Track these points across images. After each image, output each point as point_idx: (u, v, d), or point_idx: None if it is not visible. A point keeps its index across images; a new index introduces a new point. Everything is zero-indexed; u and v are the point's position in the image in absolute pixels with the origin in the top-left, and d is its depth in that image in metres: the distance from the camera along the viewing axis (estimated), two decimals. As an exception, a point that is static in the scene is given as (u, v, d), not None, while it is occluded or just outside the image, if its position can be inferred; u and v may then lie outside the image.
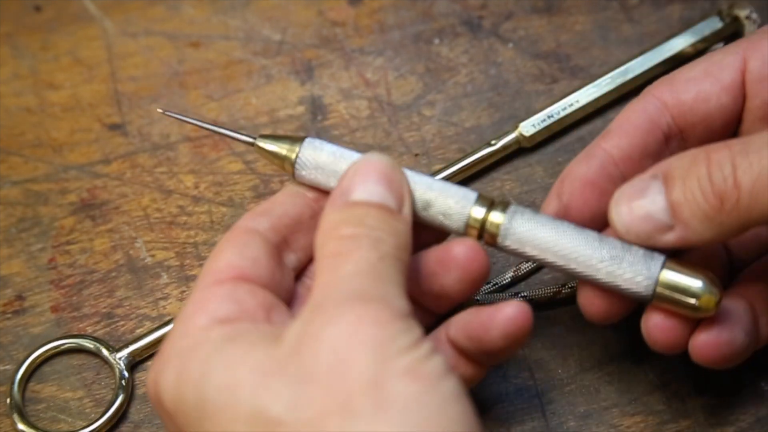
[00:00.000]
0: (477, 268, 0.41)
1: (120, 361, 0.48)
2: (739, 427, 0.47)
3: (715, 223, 0.39)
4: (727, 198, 0.38)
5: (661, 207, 0.39)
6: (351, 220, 0.38)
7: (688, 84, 0.44)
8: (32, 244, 0.52)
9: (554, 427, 0.47)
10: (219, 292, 0.39)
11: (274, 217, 0.42)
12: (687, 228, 0.39)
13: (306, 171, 0.42)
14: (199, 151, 0.54)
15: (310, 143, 0.43)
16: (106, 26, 0.58)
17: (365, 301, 0.35)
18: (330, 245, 0.38)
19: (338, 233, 0.38)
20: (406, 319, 0.36)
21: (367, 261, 0.37)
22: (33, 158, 0.54)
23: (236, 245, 0.40)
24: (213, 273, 0.40)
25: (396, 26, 0.57)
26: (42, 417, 0.47)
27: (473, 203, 0.41)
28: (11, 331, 0.49)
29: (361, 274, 0.37)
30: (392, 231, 0.38)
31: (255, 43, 0.57)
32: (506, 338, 0.40)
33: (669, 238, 0.40)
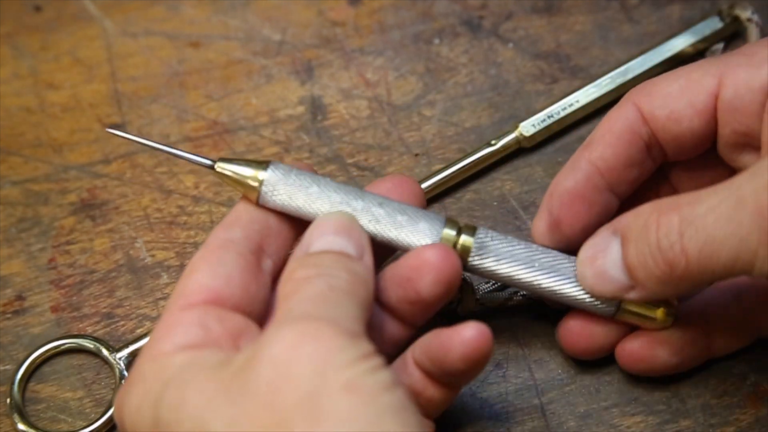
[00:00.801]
0: (449, 269, 0.41)
1: (120, 361, 0.48)
2: (739, 427, 0.47)
3: (669, 285, 0.41)
4: (675, 264, 0.39)
5: (620, 268, 0.42)
6: (306, 264, 0.39)
7: (665, 100, 0.44)
8: (32, 244, 0.52)
9: (554, 427, 0.47)
10: (187, 318, 0.39)
11: (244, 224, 0.42)
12: (644, 288, 0.41)
13: (272, 197, 0.42)
14: (199, 151, 0.54)
15: (276, 168, 0.42)
16: (106, 26, 0.58)
17: (310, 320, 0.36)
18: (286, 288, 0.39)
19: (293, 276, 0.39)
20: (353, 337, 0.35)
21: (318, 291, 0.37)
22: (33, 158, 0.54)
23: (210, 263, 0.40)
24: (184, 295, 0.40)
25: (396, 26, 0.57)
26: (42, 417, 0.47)
27: (443, 225, 0.43)
28: (11, 331, 0.49)
29: (309, 299, 0.37)
30: (348, 270, 0.39)
31: (255, 43, 0.57)
32: (465, 361, 0.40)
33: (632, 296, 0.42)
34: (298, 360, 0.34)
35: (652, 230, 0.40)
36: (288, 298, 0.38)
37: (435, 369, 0.41)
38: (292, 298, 0.37)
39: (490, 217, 0.52)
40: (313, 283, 0.38)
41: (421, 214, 0.43)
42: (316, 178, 0.43)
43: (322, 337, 0.35)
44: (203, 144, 0.54)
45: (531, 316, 0.49)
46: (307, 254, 0.40)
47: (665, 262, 0.40)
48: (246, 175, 0.42)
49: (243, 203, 0.43)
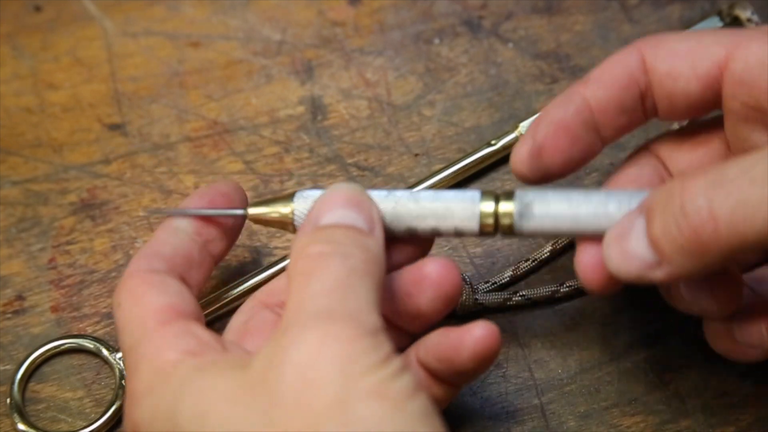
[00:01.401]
0: (450, 285, 0.41)
1: (120, 361, 0.48)
2: (739, 427, 0.47)
3: (696, 257, 0.38)
4: (702, 230, 0.37)
5: (645, 244, 0.39)
6: (319, 239, 0.38)
7: (669, 55, 0.43)
8: (32, 244, 0.52)
9: (554, 427, 0.47)
10: (172, 330, 0.38)
11: (166, 256, 0.41)
12: (672, 264, 0.38)
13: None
14: (199, 151, 0.54)
15: (300, 196, 0.42)
16: (106, 26, 0.58)
17: (331, 319, 0.35)
18: (298, 265, 0.38)
19: (306, 252, 0.38)
20: (374, 336, 0.35)
21: (335, 277, 0.37)
22: (33, 158, 0.54)
23: (157, 285, 0.40)
24: (153, 318, 0.39)
25: (396, 26, 0.57)
26: (42, 417, 0.47)
27: (479, 201, 0.42)
28: (11, 331, 0.49)
29: (328, 291, 0.36)
30: (362, 247, 0.38)
31: (255, 43, 0.57)
32: (476, 360, 0.39)
33: (658, 274, 0.39)
34: (323, 365, 0.34)
35: (677, 196, 0.37)
36: (305, 281, 0.37)
37: (443, 368, 0.41)
38: (309, 282, 0.36)
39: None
40: (329, 264, 0.37)
41: (452, 196, 0.42)
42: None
43: (345, 339, 0.34)
44: (203, 144, 0.54)
45: (531, 316, 0.49)
46: (317, 228, 0.39)
47: (690, 228, 0.37)
48: (276, 213, 0.42)
49: (160, 233, 0.43)
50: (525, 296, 0.49)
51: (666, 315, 0.49)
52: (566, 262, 0.51)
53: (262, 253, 0.51)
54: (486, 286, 0.49)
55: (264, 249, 0.51)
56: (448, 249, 0.51)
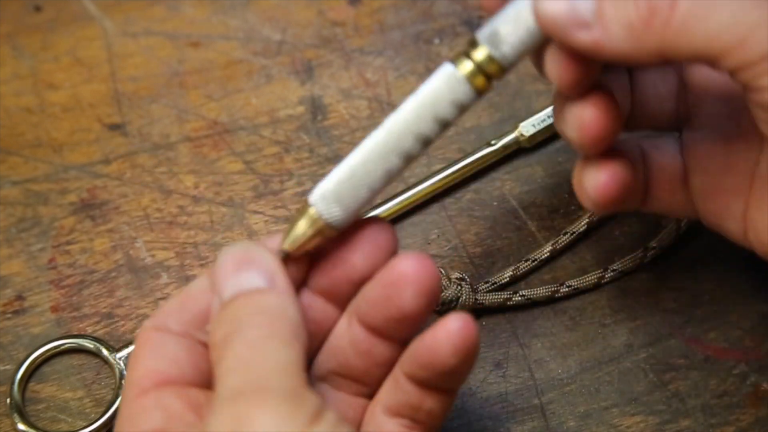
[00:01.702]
0: (428, 277, 0.38)
1: (120, 361, 0.48)
2: (739, 427, 0.47)
3: (634, 38, 0.36)
4: (658, 14, 0.35)
5: (588, 2, 0.37)
6: (221, 321, 0.37)
7: None
8: (32, 244, 0.52)
9: (554, 427, 0.47)
10: (144, 403, 0.38)
11: (189, 314, 0.40)
12: (605, 32, 0.36)
13: (339, 214, 0.39)
14: (199, 151, 0.54)
15: (316, 197, 0.39)
16: (106, 26, 0.58)
17: (243, 396, 0.34)
18: (212, 355, 0.37)
19: (214, 341, 0.37)
20: (294, 397, 0.34)
21: (239, 355, 0.35)
22: (33, 158, 0.54)
23: (152, 347, 0.39)
24: (136, 384, 0.38)
25: (396, 26, 0.57)
26: (42, 417, 0.47)
27: (456, 69, 0.39)
28: (11, 331, 0.49)
29: (235, 370, 0.35)
30: (264, 311, 0.37)
31: (255, 43, 0.57)
32: (457, 354, 0.37)
33: (583, 36, 0.37)
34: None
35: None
36: (218, 369, 0.36)
37: (428, 374, 0.39)
38: (220, 370, 0.36)
39: (490, 217, 0.52)
40: (233, 346, 0.36)
41: (432, 87, 0.39)
42: (345, 165, 0.39)
43: (264, 413, 0.33)
44: (203, 144, 0.54)
45: (531, 316, 0.49)
46: (222, 305, 0.38)
47: (649, 7, 0.35)
48: (306, 226, 0.39)
49: (193, 288, 0.40)
50: (525, 296, 0.49)
51: (666, 315, 0.49)
52: (566, 262, 0.51)
53: (262, 253, 0.51)
54: (486, 286, 0.49)
55: (264, 249, 0.51)
56: (448, 249, 0.51)
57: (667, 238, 0.50)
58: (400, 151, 0.39)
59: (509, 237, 0.52)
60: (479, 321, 0.49)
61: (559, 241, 0.50)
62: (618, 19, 0.36)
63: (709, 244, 0.51)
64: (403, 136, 0.39)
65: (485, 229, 0.52)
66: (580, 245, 0.51)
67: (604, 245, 0.51)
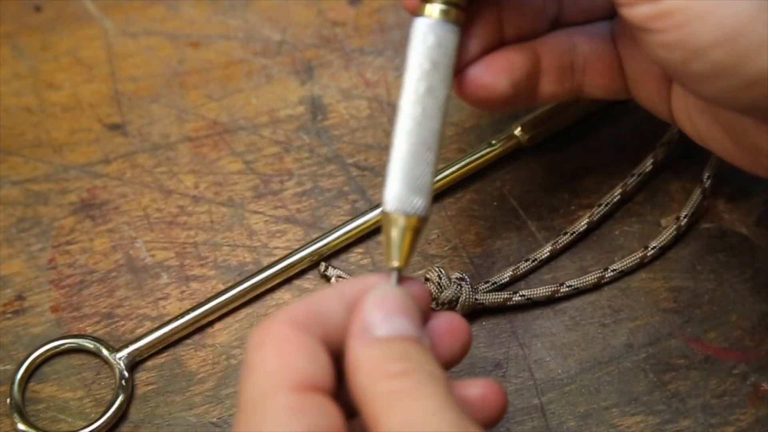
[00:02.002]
0: (467, 332, 0.40)
1: (120, 361, 0.48)
2: (739, 427, 0.47)
3: None
4: None
5: None
6: (393, 355, 0.36)
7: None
8: (32, 244, 0.52)
9: (554, 427, 0.47)
10: (307, 403, 0.35)
11: (317, 320, 0.37)
12: None
13: (419, 201, 0.40)
14: (199, 151, 0.54)
15: (396, 202, 0.40)
16: (106, 26, 0.58)
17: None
18: (383, 386, 0.35)
19: (388, 371, 0.35)
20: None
21: (408, 422, 0.34)
22: (33, 158, 0.54)
23: (304, 350, 0.36)
24: (291, 378, 0.35)
25: (396, 26, 0.57)
26: (42, 417, 0.47)
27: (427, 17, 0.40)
28: (11, 331, 0.49)
29: (441, 410, 0.34)
30: (431, 360, 0.36)
31: (255, 43, 0.57)
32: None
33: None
34: None
35: None
36: (380, 419, 0.34)
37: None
38: (385, 424, 0.34)
39: (490, 217, 0.52)
40: (402, 409, 0.34)
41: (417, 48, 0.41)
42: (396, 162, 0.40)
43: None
44: (203, 144, 0.54)
45: (531, 316, 0.49)
46: (378, 340, 0.36)
47: None
48: (400, 231, 0.39)
49: (325, 296, 0.38)
50: (525, 296, 0.49)
51: (666, 315, 0.49)
52: (566, 262, 0.51)
53: (261, 253, 0.51)
54: (486, 286, 0.49)
55: (264, 249, 0.51)
56: (448, 249, 0.51)
57: (667, 238, 0.50)
58: (430, 119, 0.40)
59: (509, 237, 0.52)
60: (479, 321, 0.49)
61: (559, 241, 0.50)
62: None
63: (709, 244, 0.51)
64: (426, 108, 0.40)
65: (485, 229, 0.52)
66: (580, 245, 0.51)
67: (604, 245, 0.51)
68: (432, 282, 0.48)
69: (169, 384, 0.48)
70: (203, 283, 0.50)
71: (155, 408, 0.47)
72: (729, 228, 0.51)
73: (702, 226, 0.51)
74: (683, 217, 0.51)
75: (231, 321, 0.49)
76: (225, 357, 0.48)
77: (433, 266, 0.49)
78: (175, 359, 0.48)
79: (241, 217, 0.52)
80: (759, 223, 0.51)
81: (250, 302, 0.50)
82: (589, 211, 0.51)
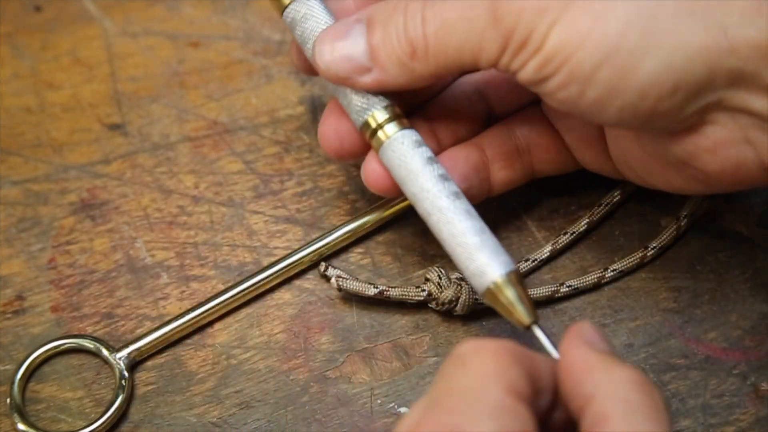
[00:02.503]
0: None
1: (120, 361, 0.48)
2: (739, 427, 0.47)
3: (407, 69, 0.42)
4: (417, 46, 0.41)
5: (362, 49, 0.43)
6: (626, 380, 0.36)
7: None
8: (32, 244, 0.52)
9: (554, 427, 0.47)
10: (515, 407, 0.35)
11: (532, 367, 0.37)
12: (383, 71, 0.43)
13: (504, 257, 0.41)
14: (199, 151, 0.54)
15: (490, 271, 0.41)
16: (106, 26, 0.58)
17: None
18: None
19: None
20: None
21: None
22: (33, 158, 0.54)
23: (520, 367, 0.36)
24: (512, 382, 0.35)
25: (396, 26, 0.57)
26: (42, 417, 0.47)
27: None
28: (11, 331, 0.49)
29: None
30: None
31: (255, 43, 0.57)
32: None
33: (366, 79, 0.43)
34: None
35: (401, 14, 0.42)
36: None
37: None
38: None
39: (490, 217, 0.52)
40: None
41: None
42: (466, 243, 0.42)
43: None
44: (203, 144, 0.54)
45: (531, 316, 0.49)
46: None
47: (408, 43, 0.41)
48: (513, 291, 0.41)
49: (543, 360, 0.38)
50: (525, 296, 0.49)
51: (666, 315, 0.49)
52: (566, 262, 0.51)
53: (261, 253, 0.51)
54: (486, 286, 0.49)
55: (264, 249, 0.51)
56: (448, 249, 0.51)
57: (667, 238, 0.50)
58: (457, 199, 0.43)
59: (509, 237, 0.52)
60: (479, 321, 0.49)
61: (559, 241, 0.50)
62: (390, 59, 0.42)
63: (709, 244, 0.51)
64: (449, 193, 0.43)
65: (485, 229, 0.52)
66: (580, 245, 0.51)
67: (604, 245, 0.51)
68: (432, 282, 0.48)
69: (169, 384, 0.48)
70: (203, 283, 0.50)
71: (155, 408, 0.47)
72: (729, 228, 0.51)
73: (702, 226, 0.51)
74: (683, 217, 0.51)
75: (231, 321, 0.49)
76: (225, 357, 0.48)
77: (433, 266, 0.49)
78: (175, 359, 0.48)
79: (241, 217, 0.52)
80: (759, 223, 0.51)
81: (250, 302, 0.50)
82: (589, 211, 0.51)
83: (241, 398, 0.47)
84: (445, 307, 0.48)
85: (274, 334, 0.49)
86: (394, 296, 0.48)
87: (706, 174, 0.41)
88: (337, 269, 0.50)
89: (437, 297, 0.48)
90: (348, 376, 0.48)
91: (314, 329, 0.49)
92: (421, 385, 0.47)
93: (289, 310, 0.50)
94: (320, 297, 0.50)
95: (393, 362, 0.48)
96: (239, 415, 0.47)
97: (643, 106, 0.39)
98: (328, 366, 0.48)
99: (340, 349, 0.48)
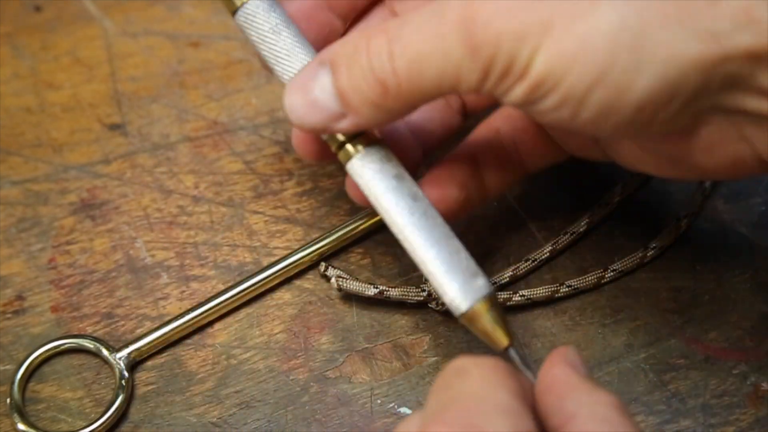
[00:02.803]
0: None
1: (120, 361, 0.48)
2: (739, 427, 0.47)
3: (382, 109, 0.40)
4: (388, 84, 0.39)
5: (331, 95, 0.40)
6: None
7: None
8: (32, 244, 0.52)
9: (554, 427, 0.47)
10: (523, 409, 0.35)
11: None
12: (358, 115, 0.40)
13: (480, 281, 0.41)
14: (199, 151, 0.54)
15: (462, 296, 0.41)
16: (106, 26, 0.58)
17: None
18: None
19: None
20: None
21: None
22: (33, 158, 0.54)
23: (518, 380, 0.37)
24: (509, 384, 0.36)
25: (396, 26, 0.57)
26: (42, 417, 0.47)
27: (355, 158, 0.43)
28: (11, 331, 0.49)
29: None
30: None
31: (255, 43, 0.57)
32: None
33: (343, 125, 0.41)
34: None
35: (363, 53, 0.39)
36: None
37: None
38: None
39: (490, 217, 0.52)
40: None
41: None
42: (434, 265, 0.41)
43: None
44: (203, 144, 0.54)
45: (531, 316, 0.49)
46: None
47: (378, 83, 0.39)
48: (488, 317, 0.41)
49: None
50: (525, 296, 0.49)
51: (666, 315, 0.49)
52: (566, 262, 0.51)
53: (261, 253, 0.51)
54: (486, 286, 0.49)
55: (264, 249, 0.51)
56: (448, 249, 0.51)
57: (667, 238, 0.50)
58: (429, 216, 0.42)
59: (509, 237, 0.52)
60: (479, 321, 0.49)
61: (559, 241, 0.50)
62: (362, 102, 0.40)
63: (709, 244, 0.51)
64: (419, 209, 0.42)
65: (485, 229, 0.52)
66: (580, 245, 0.51)
67: (604, 245, 0.51)
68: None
69: (169, 384, 0.48)
70: (203, 283, 0.50)
71: (155, 408, 0.47)
72: (729, 228, 0.51)
73: (702, 226, 0.52)
74: (683, 217, 0.51)
75: (231, 321, 0.49)
76: (225, 357, 0.48)
77: (433, 266, 0.49)
78: (175, 359, 0.48)
79: (241, 217, 0.52)
80: (759, 223, 0.51)
81: (250, 302, 0.50)
82: (589, 211, 0.51)
83: (241, 398, 0.47)
84: (445, 307, 0.48)
85: (274, 334, 0.49)
86: (393, 296, 0.48)
87: (702, 168, 0.41)
88: (337, 269, 0.50)
89: (437, 297, 0.48)
90: (348, 376, 0.48)
91: (314, 329, 0.49)
92: (421, 385, 0.47)
93: (289, 310, 0.50)
94: (320, 297, 0.50)
95: (393, 362, 0.48)
96: (239, 415, 0.47)
97: (639, 120, 0.38)
98: (328, 366, 0.48)
99: (340, 349, 0.48)
